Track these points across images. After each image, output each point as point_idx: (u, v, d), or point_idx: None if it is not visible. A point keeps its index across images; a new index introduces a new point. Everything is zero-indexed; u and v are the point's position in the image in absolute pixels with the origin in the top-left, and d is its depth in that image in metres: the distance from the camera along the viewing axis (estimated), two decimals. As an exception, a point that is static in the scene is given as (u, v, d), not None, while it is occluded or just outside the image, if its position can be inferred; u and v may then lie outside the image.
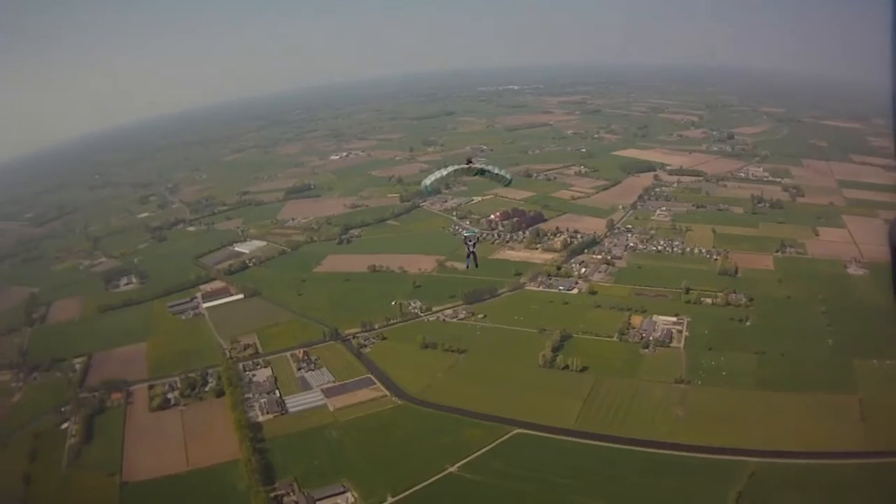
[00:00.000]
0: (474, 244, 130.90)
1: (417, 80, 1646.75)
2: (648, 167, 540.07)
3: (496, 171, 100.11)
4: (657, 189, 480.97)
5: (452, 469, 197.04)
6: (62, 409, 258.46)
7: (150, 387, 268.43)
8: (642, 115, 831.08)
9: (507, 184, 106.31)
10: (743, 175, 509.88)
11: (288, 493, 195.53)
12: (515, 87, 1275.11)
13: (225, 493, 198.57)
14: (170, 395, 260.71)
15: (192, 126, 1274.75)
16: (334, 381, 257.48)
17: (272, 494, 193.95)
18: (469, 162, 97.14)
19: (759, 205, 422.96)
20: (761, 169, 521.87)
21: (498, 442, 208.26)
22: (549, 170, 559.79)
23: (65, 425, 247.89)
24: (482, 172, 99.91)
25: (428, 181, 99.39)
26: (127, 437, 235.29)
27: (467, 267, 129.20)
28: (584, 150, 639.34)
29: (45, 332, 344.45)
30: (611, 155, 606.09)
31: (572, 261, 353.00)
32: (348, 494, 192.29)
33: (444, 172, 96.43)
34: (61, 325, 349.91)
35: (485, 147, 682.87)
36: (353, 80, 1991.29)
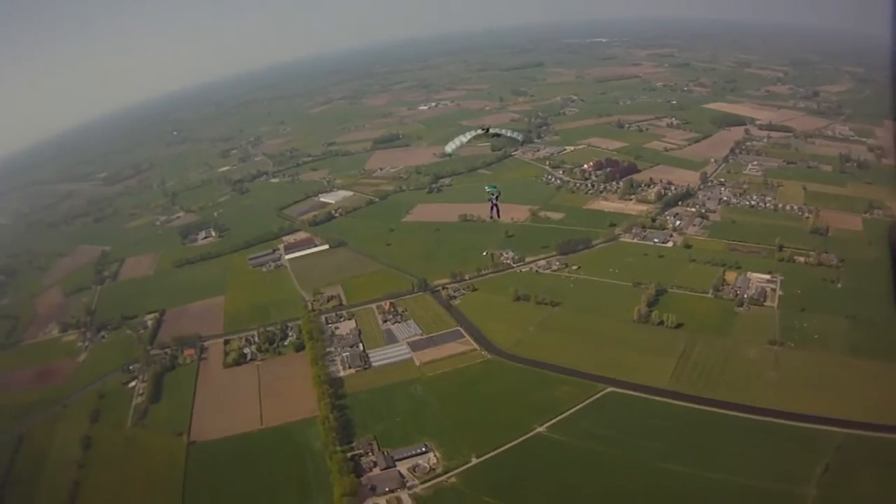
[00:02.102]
0: (497, 197, 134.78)
1: (505, 34, 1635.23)
2: (738, 121, 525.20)
3: (509, 133, 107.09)
4: (748, 143, 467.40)
5: (540, 429, 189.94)
6: (130, 368, 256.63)
7: (226, 342, 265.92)
8: (729, 69, 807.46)
9: (520, 144, 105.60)
10: (829, 133, 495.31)
11: (367, 453, 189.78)
12: (603, 40, 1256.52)
13: (300, 452, 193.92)
14: (246, 350, 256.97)
15: (273, 82, 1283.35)
16: (421, 334, 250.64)
17: (350, 454, 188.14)
18: (486, 130, 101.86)
19: (847, 164, 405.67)
20: (847, 128, 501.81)
21: (589, 401, 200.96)
22: (640, 121, 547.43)
23: (132, 384, 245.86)
24: (497, 135, 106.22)
25: (450, 148, 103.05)
26: (198, 395, 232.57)
27: (490, 218, 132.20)
28: (674, 102, 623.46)
29: (116, 289, 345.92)
30: (701, 108, 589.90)
31: (666, 213, 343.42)
32: (430, 455, 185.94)
33: (465, 139, 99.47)
34: (133, 282, 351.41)
35: (575, 97, 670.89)
36: (440, 34, 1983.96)
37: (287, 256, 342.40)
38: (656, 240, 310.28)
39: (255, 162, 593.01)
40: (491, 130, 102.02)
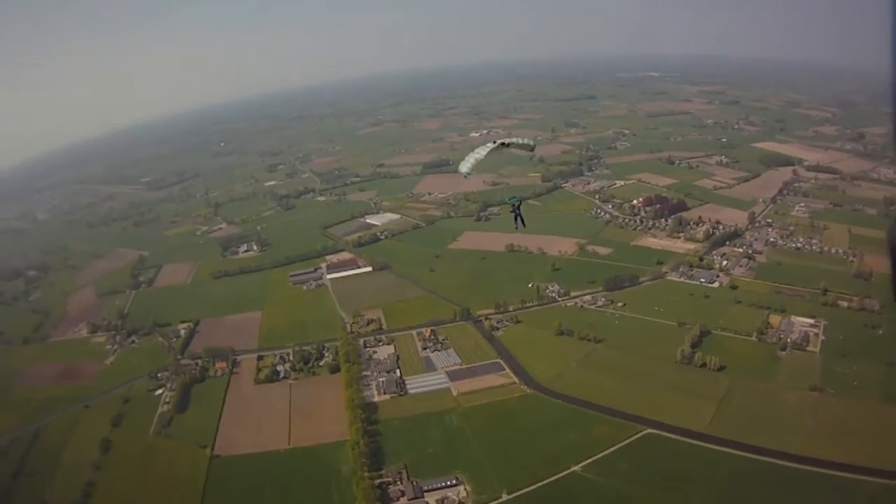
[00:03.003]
0: (518, 205, 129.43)
1: (556, 65, 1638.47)
2: (787, 161, 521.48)
3: (521, 140, 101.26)
4: (795, 184, 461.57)
5: (576, 468, 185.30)
6: (158, 375, 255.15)
7: (259, 357, 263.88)
8: (779, 108, 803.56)
9: (532, 148, 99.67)
10: (875, 175, 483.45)
11: (395, 482, 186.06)
12: (656, 74, 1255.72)
13: (326, 475, 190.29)
14: (280, 368, 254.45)
15: (324, 99, 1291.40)
16: (461, 364, 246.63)
17: (377, 481, 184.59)
18: (502, 144, 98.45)
19: (891, 207, 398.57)
20: (892, 170, 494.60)
21: (627, 442, 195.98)
22: (690, 157, 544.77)
23: (159, 392, 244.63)
24: (508, 145, 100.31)
25: (465, 167, 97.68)
26: (226, 409, 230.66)
27: (516, 228, 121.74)
28: (724, 140, 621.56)
29: (151, 295, 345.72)
30: (750, 146, 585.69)
31: (714, 252, 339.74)
32: (461, 488, 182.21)
33: (481, 155, 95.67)
34: (169, 290, 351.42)
35: (626, 131, 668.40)
36: (489, 61, 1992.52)
37: (329, 276, 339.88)
38: (703, 279, 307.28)
39: (302, 178, 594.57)
40: (506, 141, 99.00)
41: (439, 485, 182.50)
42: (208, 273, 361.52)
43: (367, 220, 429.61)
